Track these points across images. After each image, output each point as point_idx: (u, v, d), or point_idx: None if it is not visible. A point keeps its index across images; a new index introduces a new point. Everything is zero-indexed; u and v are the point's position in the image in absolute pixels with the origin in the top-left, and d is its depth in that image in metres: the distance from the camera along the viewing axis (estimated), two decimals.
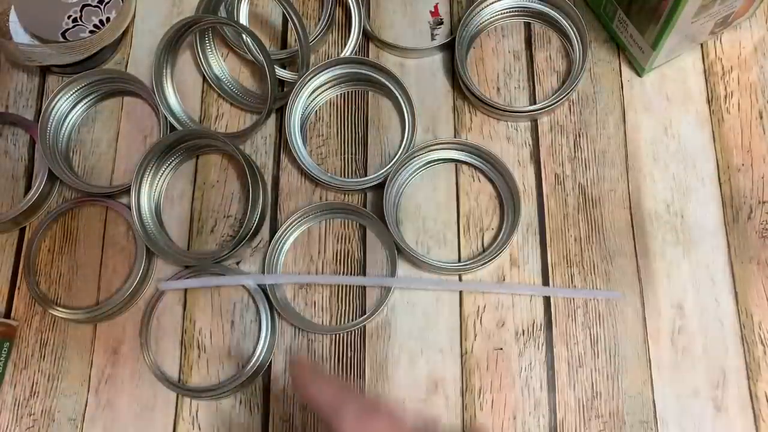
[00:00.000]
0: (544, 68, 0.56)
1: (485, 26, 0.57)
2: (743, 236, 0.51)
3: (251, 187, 0.51)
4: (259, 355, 0.50)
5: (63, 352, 0.52)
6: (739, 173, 0.52)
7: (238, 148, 0.52)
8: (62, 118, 0.57)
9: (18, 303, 0.54)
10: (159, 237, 0.53)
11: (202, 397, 0.50)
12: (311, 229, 0.54)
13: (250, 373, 0.49)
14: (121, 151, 0.57)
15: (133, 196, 0.53)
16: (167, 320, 0.52)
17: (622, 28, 0.53)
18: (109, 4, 0.58)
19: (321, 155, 0.55)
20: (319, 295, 0.52)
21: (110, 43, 0.58)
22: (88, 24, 0.57)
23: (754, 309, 0.49)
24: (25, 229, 0.56)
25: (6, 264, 0.55)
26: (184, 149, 0.55)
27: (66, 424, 0.51)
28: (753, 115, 0.53)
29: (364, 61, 0.55)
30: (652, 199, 0.52)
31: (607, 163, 0.53)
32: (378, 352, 0.50)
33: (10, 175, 0.57)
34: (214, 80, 0.57)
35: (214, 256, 0.51)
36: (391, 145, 0.55)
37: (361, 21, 0.57)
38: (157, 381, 0.51)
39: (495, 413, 0.48)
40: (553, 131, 0.54)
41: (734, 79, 0.54)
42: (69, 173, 0.55)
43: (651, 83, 0.55)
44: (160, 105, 0.55)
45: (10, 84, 0.59)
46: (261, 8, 0.60)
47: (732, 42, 0.55)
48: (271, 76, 0.53)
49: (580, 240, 0.52)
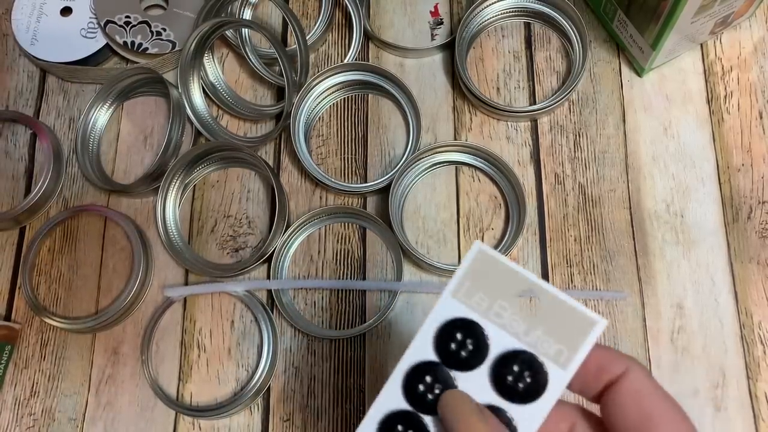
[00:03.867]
0: (544, 68, 0.56)
1: (485, 26, 0.57)
2: (743, 236, 0.51)
3: (278, 206, 0.51)
4: (259, 377, 0.50)
5: (63, 352, 0.52)
6: (739, 173, 0.52)
7: (268, 165, 0.52)
8: (96, 120, 0.57)
9: (19, 303, 0.54)
10: (185, 249, 0.53)
11: (203, 416, 0.49)
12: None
13: (251, 394, 0.49)
14: (121, 152, 0.57)
15: (159, 208, 0.53)
16: (167, 320, 0.52)
17: (621, 28, 0.53)
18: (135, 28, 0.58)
19: (321, 155, 0.55)
20: (319, 295, 0.52)
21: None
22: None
23: (754, 309, 0.49)
24: (26, 228, 0.56)
25: (6, 264, 0.55)
26: (209, 161, 0.55)
27: (66, 424, 0.51)
28: (753, 115, 0.54)
29: (376, 69, 0.55)
30: (651, 199, 0.52)
31: (607, 163, 0.53)
32: (378, 352, 0.50)
33: (10, 175, 0.57)
34: (209, 88, 0.57)
35: (237, 268, 0.51)
36: (391, 146, 0.55)
37: (362, 22, 0.57)
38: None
39: None
40: (553, 131, 0.54)
41: (734, 79, 0.55)
42: (100, 177, 0.55)
43: (651, 83, 0.55)
44: (186, 107, 0.55)
45: (10, 84, 0.59)
46: (261, 8, 0.60)
47: (732, 42, 0.55)
48: (290, 95, 0.53)
49: (580, 240, 0.52)
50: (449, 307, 0.28)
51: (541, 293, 0.27)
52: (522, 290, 0.27)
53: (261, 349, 0.50)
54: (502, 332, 0.27)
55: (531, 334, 0.27)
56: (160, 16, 0.58)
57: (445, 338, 0.27)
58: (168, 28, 0.57)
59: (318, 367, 0.50)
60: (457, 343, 0.27)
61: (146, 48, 0.57)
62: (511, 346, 0.27)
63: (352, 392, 0.50)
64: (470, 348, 0.27)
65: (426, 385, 0.27)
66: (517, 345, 0.27)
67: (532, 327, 0.27)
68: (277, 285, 0.51)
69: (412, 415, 0.27)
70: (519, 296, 0.27)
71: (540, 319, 0.27)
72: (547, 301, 0.27)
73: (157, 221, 0.53)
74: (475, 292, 0.28)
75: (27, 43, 0.58)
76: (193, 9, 0.57)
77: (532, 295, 0.27)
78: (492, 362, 0.27)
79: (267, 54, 0.57)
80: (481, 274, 0.28)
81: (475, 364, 0.27)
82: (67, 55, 0.57)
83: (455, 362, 0.27)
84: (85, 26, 0.58)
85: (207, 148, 0.54)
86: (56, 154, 0.56)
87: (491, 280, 0.28)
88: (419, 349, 0.28)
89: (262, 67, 0.56)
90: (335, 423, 0.49)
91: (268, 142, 0.56)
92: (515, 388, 0.27)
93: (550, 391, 0.27)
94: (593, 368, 0.27)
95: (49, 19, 0.59)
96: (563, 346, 0.27)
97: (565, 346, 0.27)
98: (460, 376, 0.27)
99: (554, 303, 0.27)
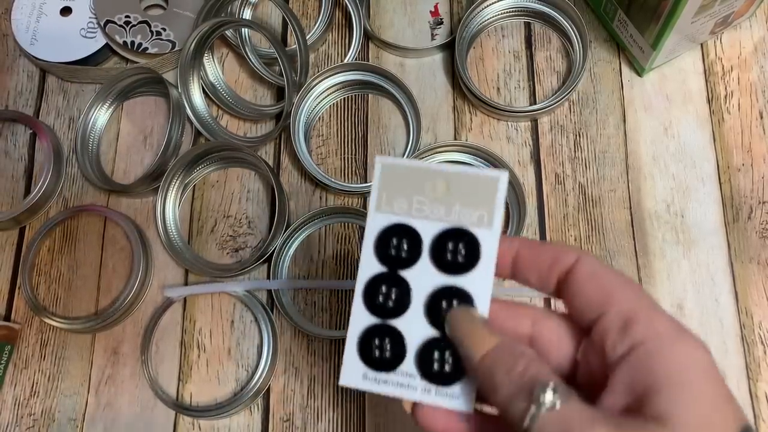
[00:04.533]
0: (544, 68, 0.56)
1: (485, 26, 0.57)
2: (743, 236, 0.51)
3: (278, 206, 0.51)
4: (259, 377, 0.50)
5: (63, 352, 0.52)
6: (739, 173, 0.52)
7: (268, 165, 0.52)
8: (96, 120, 0.57)
9: (18, 303, 0.54)
10: (185, 249, 0.53)
11: (203, 416, 0.49)
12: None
13: (250, 394, 0.49)
14: (121, 151, 0.57)
15: (158, 208, 0.53)
16: (167, 320, 0.52)
17: (622, 27, 0.53)
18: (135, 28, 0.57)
19: (321, 155, 0.55)
20: (319, 295, 0.52)
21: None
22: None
23: (754, 309, 0.49)
24: (26, 228, 0.56)
25: (6, 264, 0.55)
26: (209, 161, 0.55)
27: (66, 425, 0.51)
28: (753, 115, 0.53)
29: (376, 68, 0.55)
30: (652, 199, 0.52)
31: (607, 162, 0.53)
32: None
33: (10, 175, 0.57)
34: (209, 88, 0.57)
35: (237, 268, 0.51)
36: (391, 146, 0.55)
37: (362, 21, 0.57)
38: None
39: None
40: (554, 131, 0.54)
41: (734, 79, 0.54)
42: (100, 177, 0.55)
43: (651, 83, 0.55)
44: (186, 107, 0.55)
45: (10, 83, 0.59)
46: (260, 8, 0.60)
47: (732, 42, 0.55)
48: (289, 95, 0.53)
49: (580, 240, 0.52)
50: (377, 221, 0.31)
51: (446, 176, 0.30)
52: (430, 180, 0.30)
53: (261, 350, 0.50)
54: (428, 222, 0.30)
55: (452, 213, 0.30)
56: (160, 16, 0.58)
57: (383, 247, 0.30)
58: (168, 27, 0.57)
59: (318, 367, 0.50)
60: (394, 247, 0.30)
61: (146, 48, 0.57)
62: (439, 229, 0.30)
63: (352, 393, 0.50)
64: (406, 247, 0.30)
65: (383, 295, 0.30)
66: (443, 226, 0.30)
67: (449, 207, 0.30)
68: (277, 285, 0.51)
69: (382, 326, 0.30)
70: (429, 186, 0.30)
71: (454, 197, 0.30)
72: (454, 180, 0.30)
73: (157, 221, 0.53)
74: (393, 199, 0.31)
75: (27, 42, 0.58)
76: (192, 9, 0.57)
77: (439, 180, 0.30)
78: (429, 250, 0.30)
79: (267, 54, 0.57)
80: (393, 182, 0.31)
81: (416, 258, 0.30)
82: (67, 54, 0.57)
83: (400, 264, 0.30)
84: (84, 26, 0.58)
85: (207, 148, 0.54)
86: (56, 154, 0.56)
87: (402, 183, 0.31)
88: (367, 267, 0.31)
89: (262, 66, 0.56)
90: (335, 423, 0.49)
91: (268, 142, 0.56)
92: (457, 261, 0.30)
93: (486, 251, 0.29)
94: (547, 261, 0.29)
95: (48, 19, 0.59)
96: (481, 210, 0.30)
97: (483, 209, 0.30)
98: (409, 273, 0.30)
99: (459, 179, 0.30)
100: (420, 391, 0.29)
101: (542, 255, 0.29)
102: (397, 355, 0.30)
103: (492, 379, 0.26)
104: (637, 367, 0.25)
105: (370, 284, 0.30)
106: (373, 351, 0.30)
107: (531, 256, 0.30)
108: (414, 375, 0.29)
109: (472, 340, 0.28)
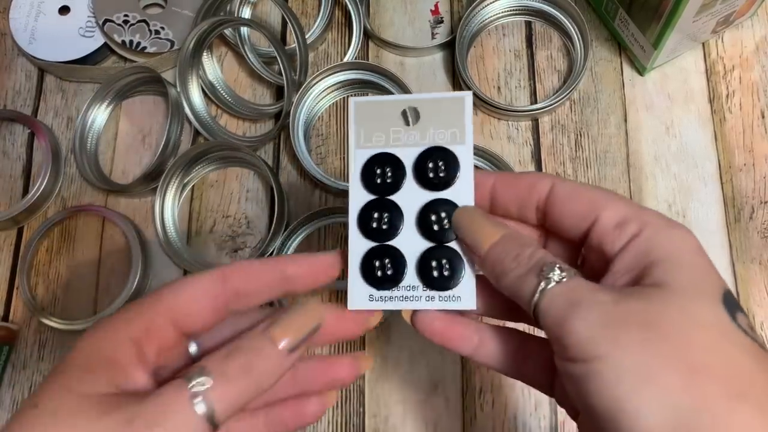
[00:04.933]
0: (545, 67, 0.56)
1: (486, 25, 0.57)
2: (745, 236, 0.50)
3: (278, 206, 0.51)
4: None
5: (62, 353, 0.52)
6: (741, 173, 0.52)
7: (267, 165, 0.52)
8: (94, 119, 0.57)
9: (17, 303, 0.53)
10: (184, 249, 0.53)
11: None
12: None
13: None
14: (119, 151, 0.57)
15: (157, 208, 0.53)
16: None
17: (623, 26, 0.53)
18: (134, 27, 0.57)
19: (320, 155, 0.55)
20: (319, 296, 0.52)
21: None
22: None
23: (756, 309, 0.49)
24: (24, 228, 0.55)
25: (4, 264, 0.54)
26: (208, 160, 0.55)
27: None
28: (755, 114, 0.53)
29: (375, 68, 0.54)
30: (653, 198, 0.52)
31: (608, 162, 0.53)
32: (378, 352, 0.50)
33: (8, 175, 0.57)
34: (208, 87, 0.57)
35: None
36: None
37: (361, 20, 0.57)
38: None
39: (495, 413, 0.48)
40: (554, 131, 0.54)
41: (736, 78, 0.54)
42: (98, 177, 0.55)
43: (652, 82, 0.55)
44: (185, 106, 0.55)
45: (8, 83, 0.59)
46: (260, 7, 0.60)
47: (734, 41, 0.55)
48: (289, 94, 0.53)
49: None
50: (360, 156, 0.33)
51: (415, 102, 0.33)
52: (401, 110, 0.33)
53: None
54: (406, 149, 0.33)
55: (426, 136, 0.33)
56: (159, 15, 0.58)
57: (369, 177, 0.33)
58: (167, 26, 0.57)
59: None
60: (380, 175, 0.33)
61: (145, 47, 0.57)
62: (417, 152, 0.33)
63: (352, 393, 0.49)
64: (390, 173, 0.33)
65: (376, 219, 0.33)
66: (420, 149, 0.33)
67: (423, 131, 0.33)
68: None
69: (380, 247, 0.32)
70: (402, 116, 0.33)
71: (426, 122, 0.33)
72: (423, 106, 0.33)
73: (156, 221, 0.53)
74: (371, 134, 0.33)
75: (25, 42, 0.58)
76: (191, 8, 0.57)
77: (410, 106, 0.33)
78: (411, 172, 0.33)
79: (266, 53, 0.57)
80: (367, 119, 0.33)
81: (401, 181, 0.33)
82: (66, 54, 0.57)
83: (387, 189, 0.33)
84: (83, 25, 0.58)
85: (206, 147, 0.53)
86: (54, 153, 0.56)
87: (376, 118, 0.33)
88: (357, 198, 0.33)
89: (261, 66, 0.56)
90: (335, 423, 0.49)
91: (267, 141, 0.55)
92: (439, 177, 0.32)
93: (463, 163, 0.32)
94: (525, 188, 0.31)
95: (47, 18, 0.58)
96: (453, 129, 0.32)
97: (454, 128, 0.32)
98: (397, 196, 0.33)
99: (428, 103, 0.33)
100: (424, 299, 0.32)
101: (519, 183, 0.31)
102: (398, 270, 0.32)
103: (501, 265, 0.29)
104: (636, 252, 0.27)
105: (362, 213, 0.33)
106: (376, 271, 0.32)
107: (508, 186, 0.31)
108: (417, 286, 0.32)
109: (479, 234, 0.30)
